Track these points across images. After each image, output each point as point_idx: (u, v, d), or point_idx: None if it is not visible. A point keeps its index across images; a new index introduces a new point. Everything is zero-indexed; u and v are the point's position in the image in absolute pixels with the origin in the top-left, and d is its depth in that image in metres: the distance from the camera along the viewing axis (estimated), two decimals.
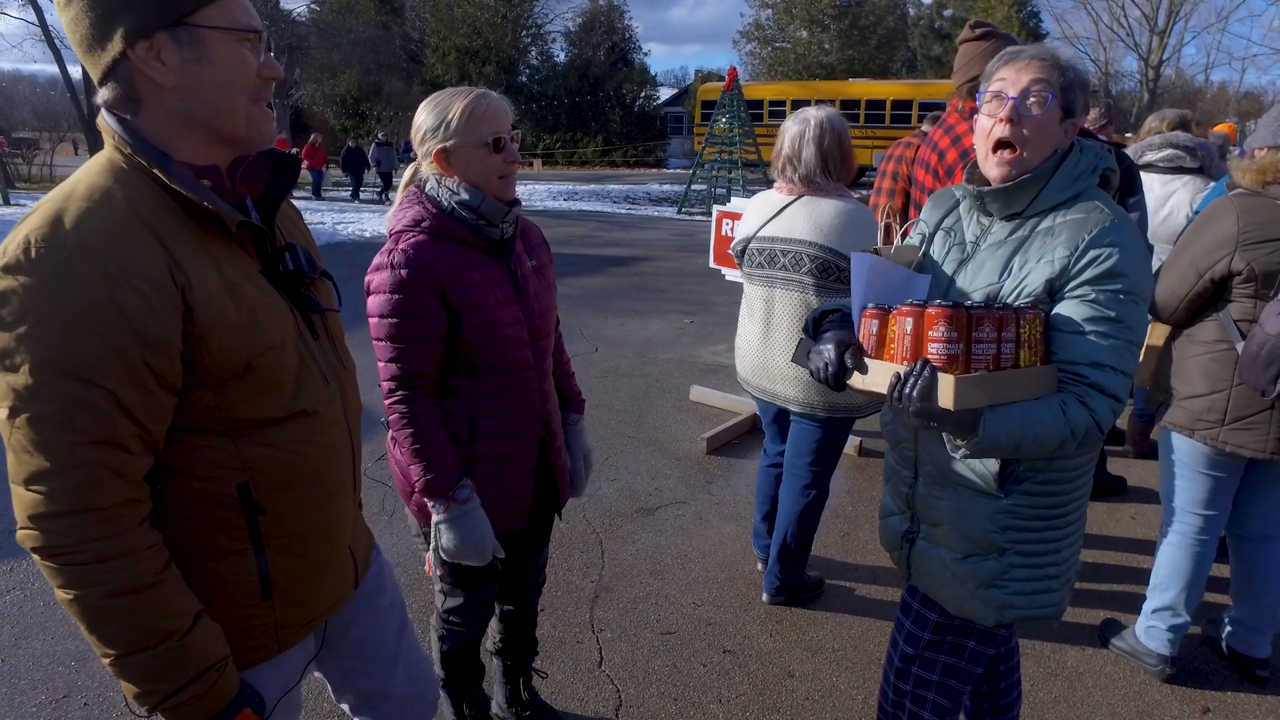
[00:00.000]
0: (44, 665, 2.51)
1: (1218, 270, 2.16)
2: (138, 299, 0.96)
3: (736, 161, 16.71)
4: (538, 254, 1.85)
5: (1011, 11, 36.96)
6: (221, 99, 1.05)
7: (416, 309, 1.60)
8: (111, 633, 1.01)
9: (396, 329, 1.60)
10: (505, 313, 1.69)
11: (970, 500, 1.55)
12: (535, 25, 36.11)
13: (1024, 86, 1.43)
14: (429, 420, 1.65)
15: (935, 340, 1.30)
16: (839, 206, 2.42)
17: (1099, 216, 1.41)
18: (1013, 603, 1.57)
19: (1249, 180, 2.15)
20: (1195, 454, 2.34)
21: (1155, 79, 35.25)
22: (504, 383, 1.74)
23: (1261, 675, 2.50)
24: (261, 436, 1.12)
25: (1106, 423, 1.37)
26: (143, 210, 1.01)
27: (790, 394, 2.59)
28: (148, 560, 1.02)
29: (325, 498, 1.23)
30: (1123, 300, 1.37)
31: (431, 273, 1.59)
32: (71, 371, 0.93)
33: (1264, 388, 2.06)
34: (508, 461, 1.79)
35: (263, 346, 1.10)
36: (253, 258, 1.14)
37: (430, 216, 1.63)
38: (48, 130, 29.92)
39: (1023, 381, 1.35)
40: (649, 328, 6.97)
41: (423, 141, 1.66)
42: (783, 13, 37.12)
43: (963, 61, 2.74)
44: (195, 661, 1.06)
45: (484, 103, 1.62)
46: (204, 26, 1.02)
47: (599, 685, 2.48)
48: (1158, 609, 2.50)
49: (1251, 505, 2.41)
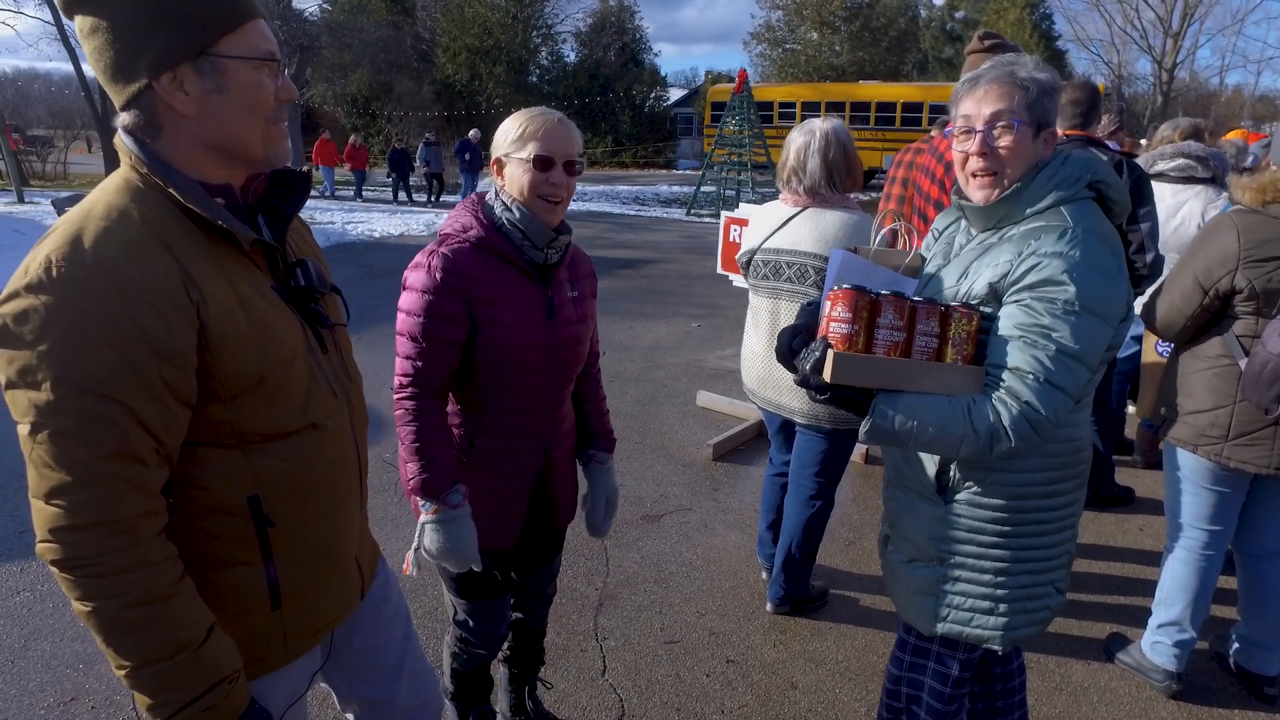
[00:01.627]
0: (53, 668, 2.54)
1: (1221, 286, 2.15)
2: (154, 315, 0.99)
3: (746, 164, 16.68)
4: (581, 285, 1.84)
5: (1024, 14, 36.75)
6: (241, 125, 1.09)
7: (441, 312, 1.62)
8: (128, 644, 1.02)
9: (419, 328, 1.63)
10: (526, 336, 1.69)
11: (914, 503, 1.58)
12: (546, 25, 36.11)
13: (987, 119, 1.45)
14: (432, 421, 1.67)
15: (834, 320, 1.37)
16: (844, 218, 2.42)
17: (1056, 225, 1.41)
18: (948, 616, 1.57)
19: (1249, 198, 2.14)
20: (1200, 469, 2.33)
21: (1169, 82, 35.00)
22: (511, 404, 1.74)
23: (1270, 693, 2.48)
24: (272, 449, 1.14)
25: (1018, 431, 1.34)
26: (159, 228, 1.04)
27: (796, 405, 2.59)
28: (164, 572, 1.04)
29: (333, 509, 1.26)
30: (1058, 309, 1.35)
31: (463, 281, 1.62)
32: (90, 387, 0.96)
33: (1267, 405, 2.05)
34: (501, 480, 1.79)
35: (274, 361, 1.12)
36: (265, 273, 1.17)
37: (479, 226, 1.66)
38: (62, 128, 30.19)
39: (927, 373, 1.37)
40: (656, 331, 6.97)
41: (495, 149, 1.70)
42: (793, 14, 37.00)
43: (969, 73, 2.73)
44: (210, 673, 1.07)
45: (541, 120, 1.64)
46: (225, 56, 1.06)
47: (602, 694, 2.48)
48: (1163, 624, 2.49)
49: (1258, 521, 2.39)
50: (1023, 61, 1.47)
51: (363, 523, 1.41)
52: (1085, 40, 38.91)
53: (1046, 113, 1.46)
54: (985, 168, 1.47)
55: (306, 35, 23.94)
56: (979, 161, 1.47)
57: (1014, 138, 1.44)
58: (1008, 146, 1.44)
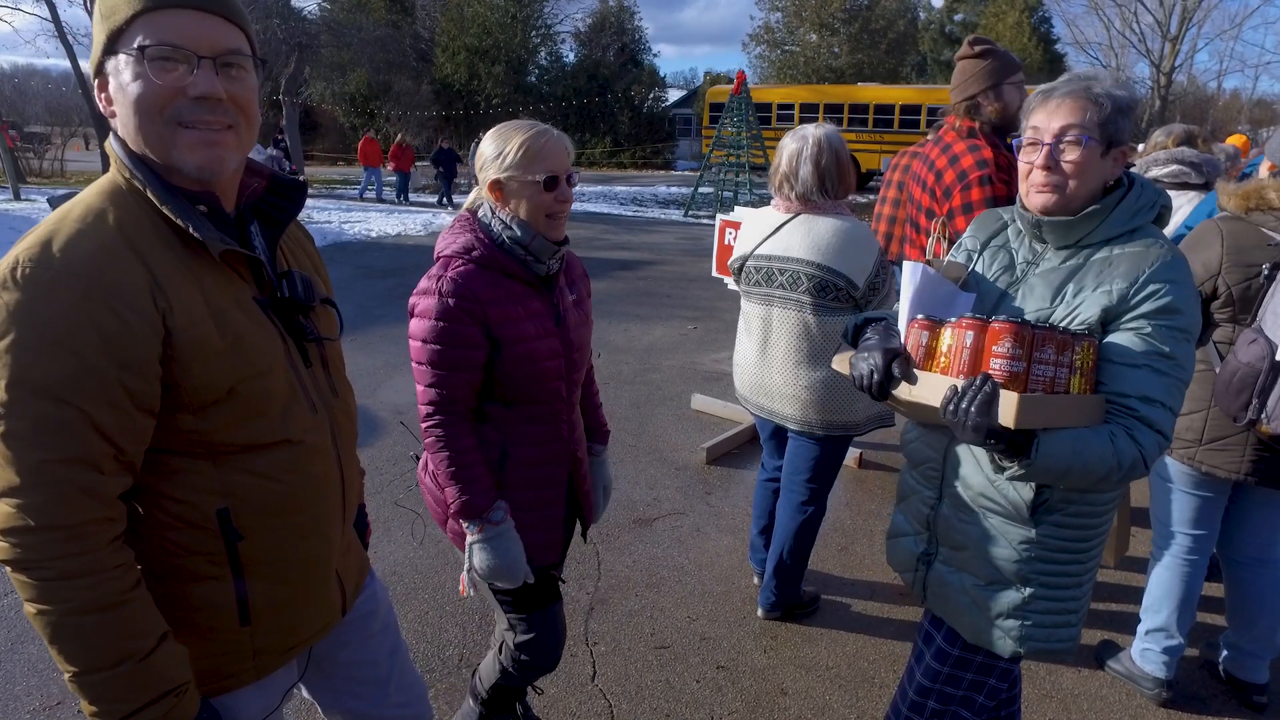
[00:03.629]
0: (39, 671, 2.53)
1: (1204, 290, 2.18)
2: (116, 321, 0.97)
3: (744, 165, 16.68)
4: (578, 287, 1.87)
5: (1023, 17, 36.81)
6: (138, 124, 1.04)
7: (460, 338, 1.61)
8: (72, 649, 1.01)
9: (439, 356, 1.62)
10: (544, 346, 1.71)
11: (998, 527, 1.53)
12: (545, 25, 36.10)
13: (1056, 132, 1.43)
14: (465, 444, 1.67)
15: (999, 356, 1.29)
16: (836, 225, 2.41)
17: (1159, 252, 1.41)
18: (1031, 635, 1.55)
19: (1233, 205, 2.16)
20: (1180, 474, 2.35)
21: (1167, 86, 35.05)
22: (536, 412, 1.76)
23: (1259, 701, 2.48)
24: (244, 463, 1.12)
25: (1152, 458, 1.34)
26: (132, 233, 1.02)
27: (788, 412, 2.58)
28: (115, 579, 1.02)
29: (310, 527, 1.22)
30: (1177, 337, 1.36)
31: (477, 303, 1.61)
32: (45, 390, 0.95)
33: (1236, 413, 2.08)
34: (539, 489, 1.80)
35: (247, 373, 1.09)
36: (248, 283, 1.14)
37: (480, 246, 1.65)
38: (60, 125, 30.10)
39: (1076, 408, 1.33)
40: (652, 333, 6.97)
41: (482, 169, 1.68)
42: (792, 16, 37.01)
43: (961, 79, 2.72)
44: (155, 684, 1.05)
45: (542, 140, 1.63)
46: (122, 52, 1.02)
47: (591, 700, 2.48)
48: (1151, 630, 2.49)
49: (1241, 529, 2.40)
50: (1100, 77, 1.45)
51: (347, 538, 1.38)
52: (1084, 44, 38.97)
53: (1119, 130, 1.42)
54: (1046, 182, 1.45)
55: (305, 34, 23.90)
56: (1041, 175, 1.45)
57: (1081, 153, 1.41)
58: (1073, 161, 1.42)
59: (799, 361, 2.52)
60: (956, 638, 1.65)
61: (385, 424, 4.64)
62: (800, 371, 2.52)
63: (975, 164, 2.57)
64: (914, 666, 1.74)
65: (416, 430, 1.77)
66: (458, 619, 2.86)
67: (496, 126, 1.71)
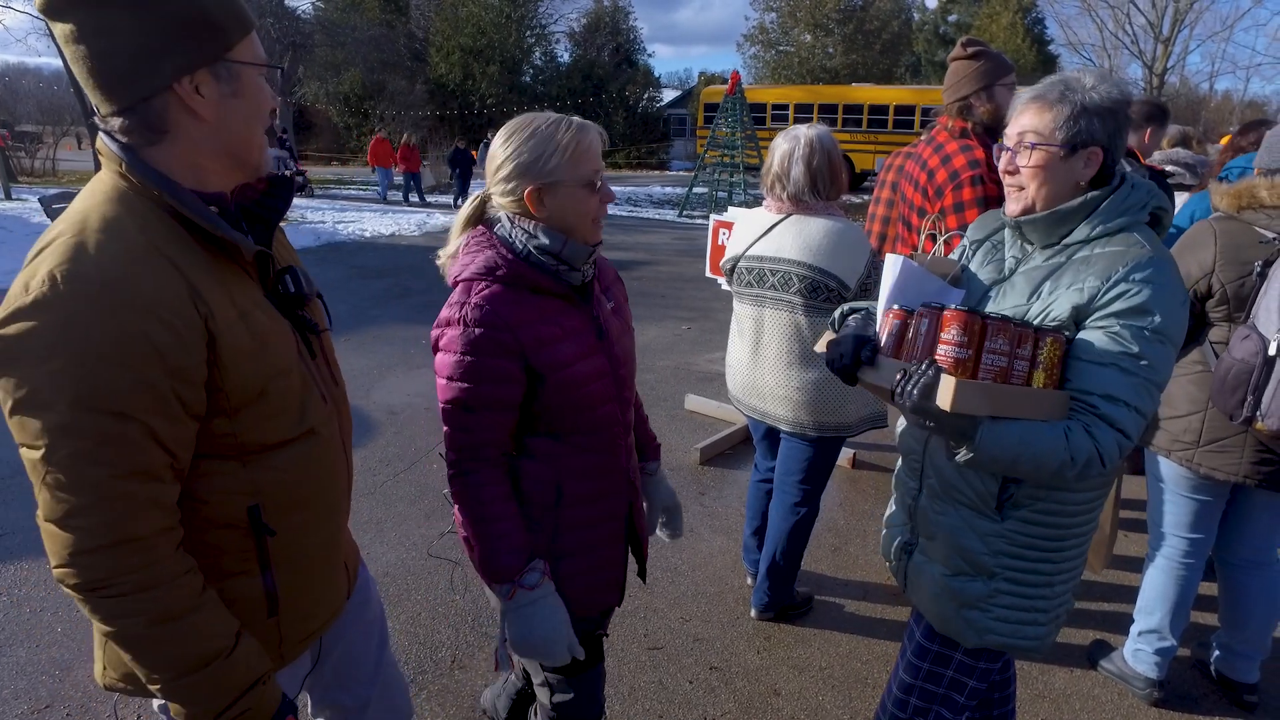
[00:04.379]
0: (27, 674, 2.51)
1: (1199, 289, 2.18)
2: (166, 331, 0.97)
3: (738, 165, 16.70)
4: (613, 292, 1.67)
5: (1016, 18, 36.93)
6: (248, 130, 1.11)
7: (491, 373, 1.41)
8: (158, 660, 1.03)
9: (467, 394, 1.42)
10: (589, 366, 1.51)
11: (968, 519, 1.55)
12: (540, 25, 36.10)
13: (1015, 137, 1.47)
14: (493, 493, 1.46)
15: (945, 343, 1.33)
16: (828, 226, 2.41)
17: (1139, 252, 1.40)
18: (994, 629, 1.57)
19: (1226, 204, 2.16)
20: (1179, 477, 2.34)
21: (1160, 87, 35.20)
22: (589, 442, 1.55)
23: (1250, 700, 2.49)
24: (270, 460, 1.14)
25: (1110, 457, 1.34)
26: (159, 241, 1.02)
27: (780, 413, 2.58)
28: (185, 585, 1.04)
29: (326, 515, 1.27)
30: (1148, 337, 1.35)
31: (509, 331, 1.41)
32: (104, 407, 0.94)
33: (1232, 411, 2.07)
34: (597, 527, 1.61)
35: (274, 372, 1.12)
36: (256, 281, 1.16)
37: (505, 263, 1.43)
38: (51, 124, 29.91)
39: (1029, 400, 1.34)
40: (647, 334, 6.96)
41: (510, 178, 1.44)
42: (787, 16, 37.07)
43: (953, 80, 2.73)
44: (242, 677, 1.09)
45: (587, 137, 1.44)
46: (239, 62, 1.07)
47: None
48: (1144, 632, 2.50)
49: (1238, 531, 2.40)
50: (1073, 79, 1.45)
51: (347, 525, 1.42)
52: (1077, 45, 39.07)
53: (1085, 132, 1.42)
54: (1010, 184, 1.51)
55: (299, 33, 23.86)
56: (1006, 179, 1.52)
57: (1033, 156, 1.45)
58: (1028, 165, 1.46)
59: (791, 362, 2.52)
60: (934, 634, 1.67)
61: (379, 424, 4.63)
62: (792, 372, 2.52)
63: (967, 164, 2.58)
64: (898, 663, 1.77)
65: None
66: (450, 620, 2.85)
67: (515, 126, 1.46)
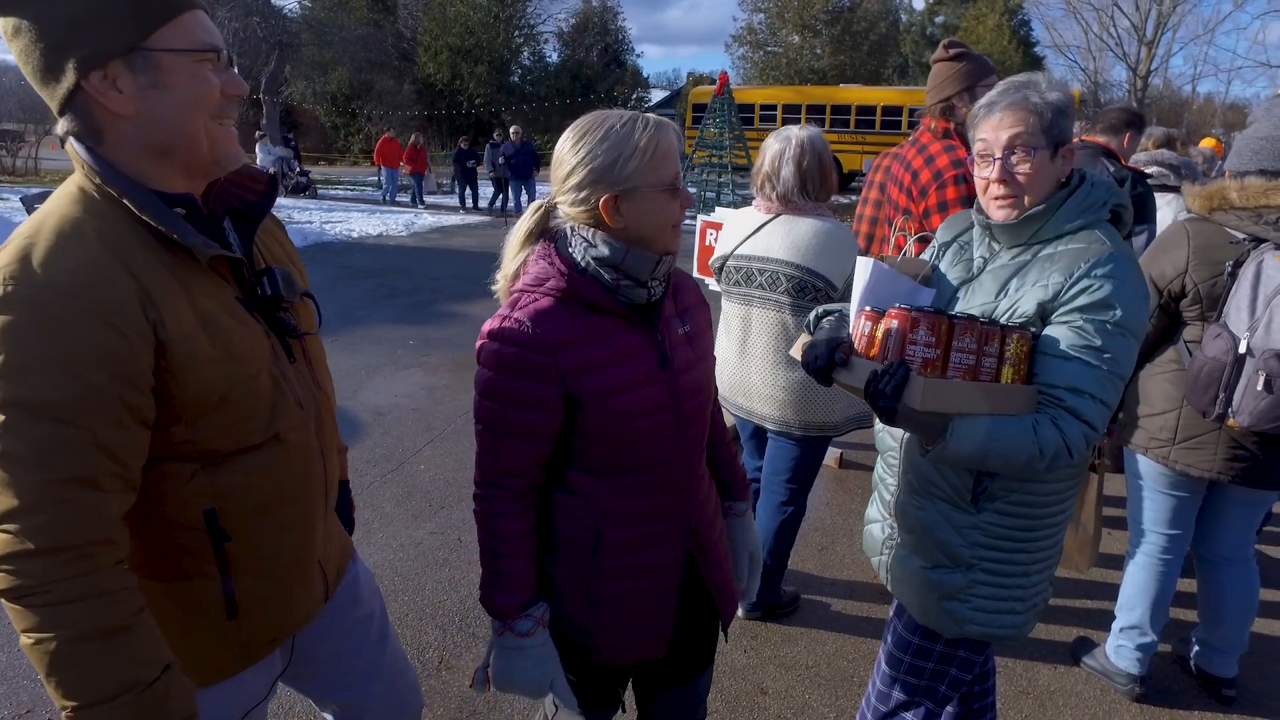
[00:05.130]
0: (8, 679, 2.49)
1: (1173, 289, 2.22)
2: (115, 337, 0.95)
3: (727, 165, 16.72)
4: (693, 316, 1.46)
5: (1003, 20, 37.17)
6: (183, 123, 1.03)
7: (519, 397, 1.28)
8: (72, 680, 0.96)
9: (494, 417, 1.31)
10: (643, 398, 1.32)
11: (944, 512, 1.59)
12: (528, 25, 36.03)
13: (1005, 145, 1.48)
14: (508, 527, 1.36)
15: (914, 343, 1.36)
16: (816, 226, 2.43)
17: (1099, 248, 1.44)
18: (973, 618, 1.60)
19: (1198, 206, 2.20)
20: (1156, 474, 2.38)
21: (1143, 89, 35.52)
22: (637, 484, 1.37)
23: (1228, 695, 2.53)
24: (233, 464, 1.11)
25: (1078, 448, 1.38)
26: (114, 243, 0.99)
27: (767, 412, 2.59)
28: (118, 604, 0.98)
29: (295, 522, 1.23)
30: (1110, 331, 1.39)
31: (548, 353, 1.26)
32: (48, 412, 0.92)
33: (1205, 408, 2.11)
34: (640, 578, 1.42)
35: (239, 378, 1.08)
36: (230, 284, 1.12)
37: (557, 274, 1.28)
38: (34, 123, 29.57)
39: (998, 396, 1.38)
40: None
41: (583, 185, 1.27)
42: (775, 17, 37.18)
43: (936, 81, 2.75)
44: (158, 716, 1.01)
45: (666, 136, 1.27)
46: (159, 50, 0.99)
47: None
48: (1125, 628, 2.53)
49: (1215, 528, 2.44)
50: (1034, 83, 1.50)
51: (330, 526, 1.37)
52: (1062, 47, 39.34)
53: (1062, 131, 1.48)
54: (1006, 194, 1.51)
55: (286, 32, 23.70)
56: (1000, 188, 1.51)
57: (1032, 163, 1.47)
58: (1025, 173, 1.48)
59: (777, 362, 2.53)
60: (916, 625, 1.70)
61: (366, 425, 4.61)
62: (779, 372, 2.53)
63: (950, 164, 2.60)
64: (880, 656, 1.80)
65: None
66: (438, 621, 2.85)
67: (586, 126, 1.28)
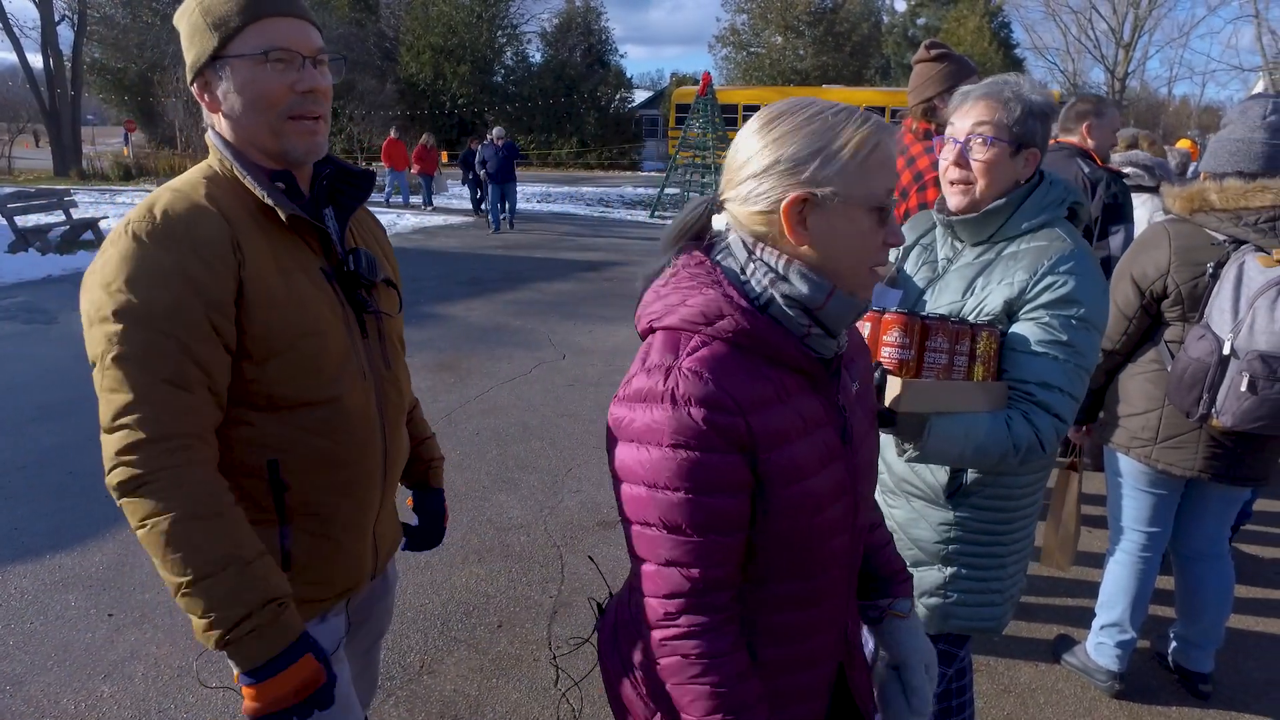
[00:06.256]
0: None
1: (1155, 289, 2.23)
2: (203, 266, 1.13)
3: (710, 166, 16.75)
4: (857, 367, 1.16)
5: (983, 22, 37.50)
6: (251, 120, 1.20)
7: (720, 478, 0.93)
8: (180, 557, 1.08)
9: (688, 510, 0.93)
10: (827, 481, 1.01)
11: (921, 510, 1.61)
12: (511, 25, 35.89)
13: (967, 131, 1.50)
14: (739, 666, 0.98)
15: (888, 345, 1.37)
16: None
17: (1060, 245, 1.47)
18: (955, 613, 1.62)
19: (1178, 207, 2.22)
20: (1136, 473, 2.40)
21: (1121, 91, 36.00)
22: (803, 591, 1.05)
23: (1205, 690, 2.55)
24: (296, 417, 1.22)
25: (1049, 441, 1.41)
26: (219, 200, 1.19)
27: None
28: (216, 493, 1.12)
29: (352, 485, 1.30)
30: (1075, 326, 1.42)
31: (740, 413, 0.92)
32: (149, 321, 1.10)
33: (1188, 409, 2.13)
34: (788, 700, 1.10)
35: (305, 330, 1.21)
36: (318, 255, 1.28)
37: (735, 311, 0.95)
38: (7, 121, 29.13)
39: (971, 393, 1.40)
40: (618, 335, 6.96)
41: (764, 174, 0.97)
42: (758, 18, 37.31)
43: (917, 82, 2.76)
44: (260, 590, 1.11)
45: (887, 140, 0.96)
46: (232, 57, 1.18)
47: (554, 705, 2.46)
48: (1105, 625, 2.55)
49: (1193, 524, 2.46)
50: (1015, 82, 1.51)
51: (389, 503, 1.45)
52: (1042, 49, 39.90)
53: (1029, 133, 1.49)
54: (958, 178, 1.54)
55: None
56: (954, 171, 1.54)
57: (988, 151, 1.49)
58: (980, 160, 1.50)
59: None
60: None
61: None
62: None
63: (931, 165, 2.61)
64: None
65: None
66: (419, 625, 2.83)
67: (785, 108, 0.99)
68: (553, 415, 4.93)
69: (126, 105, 30.32)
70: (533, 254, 11.34)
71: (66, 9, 24.87)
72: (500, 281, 9.17)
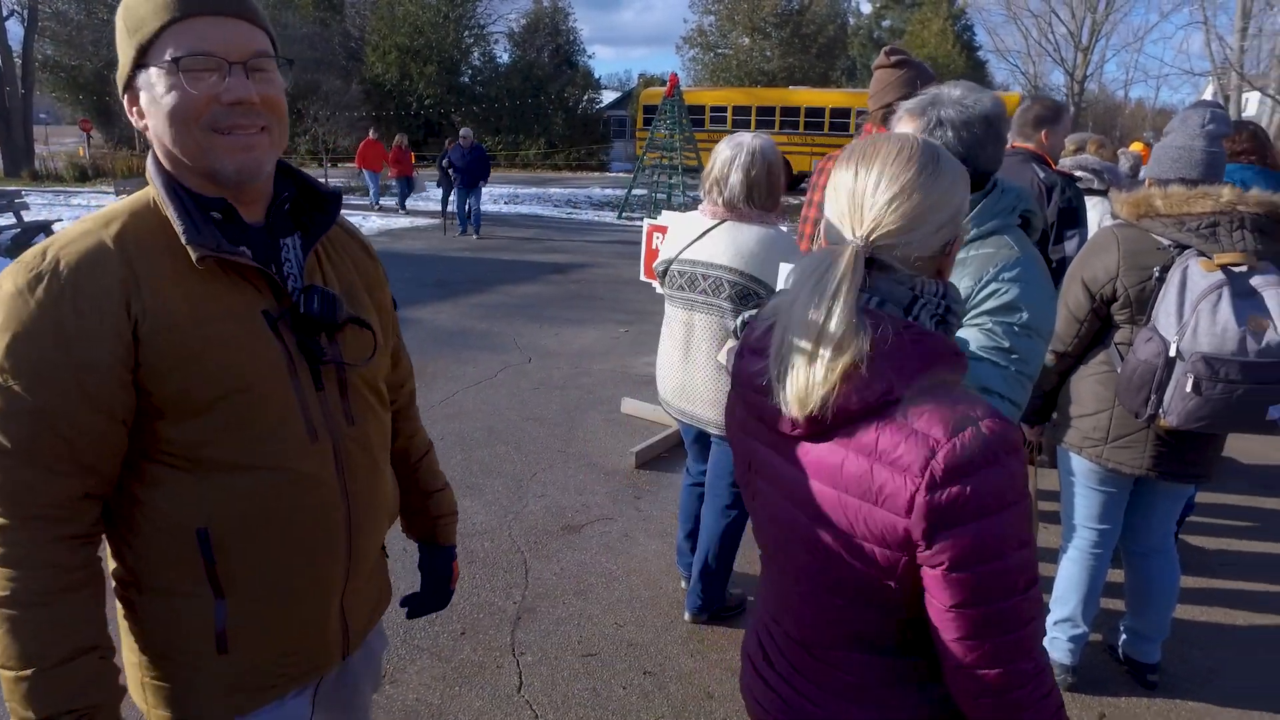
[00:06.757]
0: None
1: (1105, 293, 2.29)
2: (77, 322, 0.98)
3: (677, 167, 16.80)
4: None
5: (946, 25, 38.11)
6: (173, 133, 1.04)
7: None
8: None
9: (1032, 571, 0.97)
10: None
11: None
12: (478, 26, 35.59)
13: None
14: None
15: None
16: (761, 233, 2.45)
17: (1007, 252, 1.49)
18: None
19: (1126, 212, 2.28)
20: (1086, 471, 2.46)
21: (1080, 93, 36.77)
22: None
23: (1153, 680, 2.63)
24: (226, 481, 1.06)
25: None
26: (129, 240, 1.03)
27: (709, 416, 2.61)
28: (44, 579, 0.99)
29: (301, 559, 1.13)
30: (1018, 333, 1.44)
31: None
32: (6, 378, 0.97)
33: (1137, 409, 2.19)
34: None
35: (230, 387, 1.05)
36: (265, 295, 1.10)
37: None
38: None
39: None
40: (584, 337, 6.95)
41: (945, 222, 1.00)
42: (725, 19, 37.47)
43: (878, 88, 2.81)
44: (55, 700, 0.99)
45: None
46: (152, 65, 1.03)
47: (517, 711, 2.46)
48: (1059, 621, 2.61)
49: (1141, 520, 2.53)
50: (943, 92, 1.52)
51: (362, 573, 1.25)
52: (1004, 52, 40.60)
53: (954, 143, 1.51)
54: None
55: None
56: None
57: None
58: None
59: (720, 366, 2.55)
60: None
61: None
62: (722, 376, 2.55)
63: None
64: None
65: None
66: None
67: (935, 149, 1.01)
68: (518, 419, 4.92)
69: (81, 104, 29.50)
70: (500, 256, 11.27)
71: (16, 4, 24.18)
72: (467, 284, 9.11)
